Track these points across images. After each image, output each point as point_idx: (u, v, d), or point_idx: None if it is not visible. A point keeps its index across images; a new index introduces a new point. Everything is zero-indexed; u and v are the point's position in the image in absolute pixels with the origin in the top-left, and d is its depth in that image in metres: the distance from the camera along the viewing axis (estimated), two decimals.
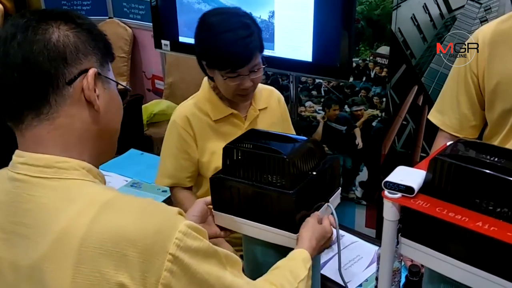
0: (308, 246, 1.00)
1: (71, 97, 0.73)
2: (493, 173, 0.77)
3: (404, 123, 2.27)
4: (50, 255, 0.67)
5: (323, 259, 1.38)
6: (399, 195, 0.84)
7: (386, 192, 0.85)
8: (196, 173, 1.53)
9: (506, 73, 1.24)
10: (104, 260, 0.65)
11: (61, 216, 0.68)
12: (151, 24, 2.57)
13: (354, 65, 2.27)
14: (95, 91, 0.75)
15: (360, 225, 2.57)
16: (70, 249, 0.66)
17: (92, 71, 0.74)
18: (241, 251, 1.25)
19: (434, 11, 2.05)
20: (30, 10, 0.77)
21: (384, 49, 2.26)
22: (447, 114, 1.40)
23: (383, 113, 2.34)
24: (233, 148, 1.09)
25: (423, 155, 2.23)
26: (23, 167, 0.73)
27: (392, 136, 2.33)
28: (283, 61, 2.04)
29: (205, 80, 1.51)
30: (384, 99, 2.31)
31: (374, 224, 2.53)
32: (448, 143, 0.95)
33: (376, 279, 1.27)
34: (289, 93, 2.25)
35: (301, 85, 2.53)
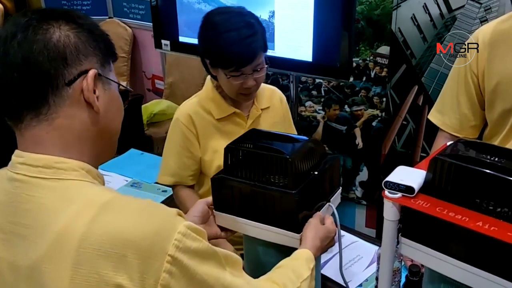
0: (311, 246, 1.00)
1: (70, 98, 0.73)
2: (493, 173, 0.77)
3: (404, 123, 2.27)
4: (49, 256, 0.67)
5: (323, 259, 1.38)
6: (399, 195, 0.84)
7: (386, 192, 0.85)
8: (198, 171, 1.53)
9: (506, 73, 1.24)
10: (102, 261, 0.64)
11: (60, 216, 0.68)
12: (151, 24, 2.57)
13: (354, 65, 2.27)
14: (95, 92, 0.74)
15: (360, 225, 2.57)
16: (68, 250, 0.66)
17: (92, 72, 0.74)
18: (241, 250, 1.25)
19: (434, 11, 2.05)
20: (31, 9, 0.77)
21: (384, 49, 2.26)
22: (447, 114, 1.40)
23: (383, 113, 2.34)
24: (234, 148, 1.08)
25: (423, 155, 2.23)
26: (22, 167, 0.72)
27: (392, 136, 2.32)
28: (283, 61, 2.04)
29: (208, 79, 1.51)
30: (384, 99, 2.31)
31: (374, 224, 2.53)
32: (448, 143, 0.95)
33: (376, 279, 1.27)
34: (289, 93, 2.25)
35: (301, 85, 2.53)
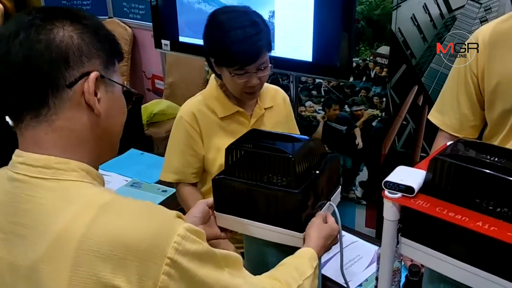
0: (315, 245, 1.00)
1: (71, 100, 0.72)
2: (493, 173, 0.77)
3: (404, 123, 2.27)
4: (47, 257, 0.67)
5: (323, 259, 1.38)
6: (399, 195, 0.84)
7: (386, 192, 0.85)
8: (201, 169, 1.53)
9: (506, 73, 1.24)
10: (101, 263, 0.64)
11: (60, 217, 0.68)
12: (151, 24, 2.57)
13: (354, 65, 2.27)
14: (96, 94, 0.74)
15: (360, 225, 2.57)
16: (68, 251, 0.65)
17: (93, 75, 0.73)
18: (242, 249, 1.25)
19: (434, 11, 2.05)
20: (36, 7, 0.75)
21: (384, 49, 2.26)
22: (447, 114, 1.40)
23: (383, 113, 2.34)
24: (236, 148, 1.08)
25: (423, 155, 2.23)
26: (22, 167, 0.72)
27: (392, 136, 2.32)
28: (283, 61, 2.04)
29: (212, 77, 1.52)
30: (384, 99, 2.31)
31: (374, 224, 2.52)
32: (448, 143, 0.95)
33: (376, 279, 1.27)
34: (289, 93, 2.24)
35: (301, 85, 2.53)
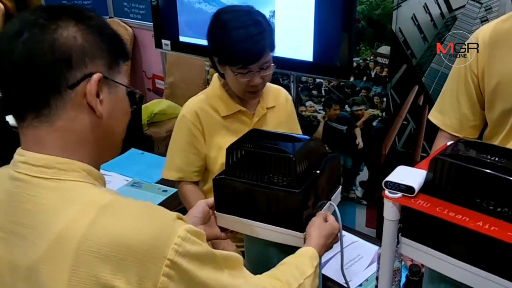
0: (316, 244, 1.00)
1: (72, 101, 0.72)
2: (493, 173, 0.77)
3: (404, 123, 2.27)
4: (47, 257, 0.67)
5: (324, 259, 1.38)
6: (399, 194, 0.84)
7: (386, 191, 0.85)
8: (203, 167, 1.54)
9: (506, 73, 1.24)
10: (101, 264, 0.64)
11: (60, 217, 0.68)
12: (151, 23, 2.57)
13: (354, 64, 2.27)
14: (99, 95, 0.73)
15: (360, 225, 2.57)
16: (67, 251, 0.65)
17: (96, 76, 0.72)
18: (243, 247, 1.25)
19: (434, 11, 2.05)
20: (41, 6, 0.75)
21: (384, 49, 2.26)
22: (447, 114, 1.40)
23: (384, 113, 2.34)
24: (237, 148, 1.08)
25: (423, 155, 2.23)
26: (23, 166, 0.72)
27: (392, 136, 2.33)
28: (284, 60, 2.03)
29: (215, 76, 1.53)
30: (384, 99, 2.31)
31: (374, 224, 2.53)
32: (448, 143, 0.95)
33: (376, 278, 1.27)
34: (290, 93, 2.22)
35: (302, 85, 2.53)
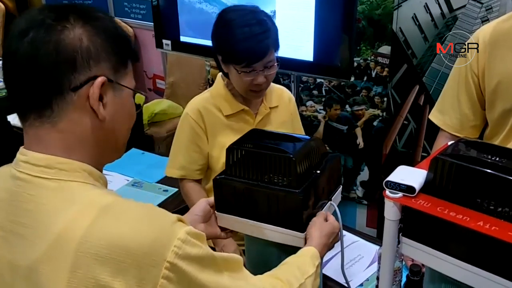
0: (317, 243, 1.00)
1: (74, 103, 0.71)
2: (494, 172, 0.77)
3: (405, 122, 2.27)
4: (47, 257, 0.67)
5: (324, 259, 1.38)
6: (400, 194, 0.84)
7: (387, 191, 0.85)
8: (206, 166, 1.54)
9: (506, 72, 1.24)
10: (100, 266, 0.64)
11: (60, 218, 0.67)
12: (152, 23, 2.57)
13: (355, 64, 2.27)
14: (102, 99, 0.73)
15: (361, 224, 2.57)
16: (67, 252, 0.65)
17: (99, 80, 0.71)
18: (243, 246, 1.25)
19: (435, 11, 2.05)
20: (48, 5, 0.73)
21: (385, 49, 2.26)
22: (448, 114, 1.40)
23: (384, 113, 2.34)
24: (237, 148, 1.08)
25: (424, 154, 2.23)
26: (25, 166, 0.72)
27: (393, 135, 2.33)
28: (284, 60, 2.01)
29: (219, 76, 1.53)
30: (385, 99, 2.31)
31: (375, 223, 2.53)
32: (449, 143, 0.95)
33: (377, 278, 1.27)
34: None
35: (302, 85, 2.53)
